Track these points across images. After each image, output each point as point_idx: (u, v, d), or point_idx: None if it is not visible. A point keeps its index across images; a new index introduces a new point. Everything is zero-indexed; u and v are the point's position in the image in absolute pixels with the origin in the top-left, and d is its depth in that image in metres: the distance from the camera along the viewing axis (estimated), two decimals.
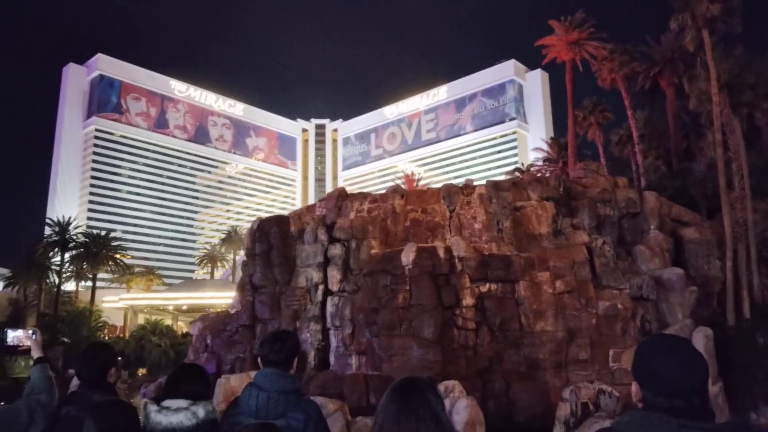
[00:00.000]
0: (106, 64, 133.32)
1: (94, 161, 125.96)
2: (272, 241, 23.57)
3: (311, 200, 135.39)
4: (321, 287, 22.35)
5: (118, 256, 65.59)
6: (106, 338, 50.51)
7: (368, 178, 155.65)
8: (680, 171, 34.50)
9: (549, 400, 17.79)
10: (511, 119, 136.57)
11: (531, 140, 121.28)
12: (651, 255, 22.91)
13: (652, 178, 35.66)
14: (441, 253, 19.81)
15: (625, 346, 19.17)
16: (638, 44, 41.27)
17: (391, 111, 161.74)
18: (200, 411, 3.56)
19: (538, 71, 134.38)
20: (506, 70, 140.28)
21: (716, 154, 26.52)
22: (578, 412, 16.93)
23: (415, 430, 2.35)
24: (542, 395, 18.00)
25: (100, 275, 64.93)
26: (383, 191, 25.73)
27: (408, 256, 19.62)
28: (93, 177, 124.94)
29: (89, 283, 62.08)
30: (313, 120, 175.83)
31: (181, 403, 3.58)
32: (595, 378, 18.65)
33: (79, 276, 61.61)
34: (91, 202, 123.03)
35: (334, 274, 22.20)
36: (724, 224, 24.46)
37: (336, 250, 22.49)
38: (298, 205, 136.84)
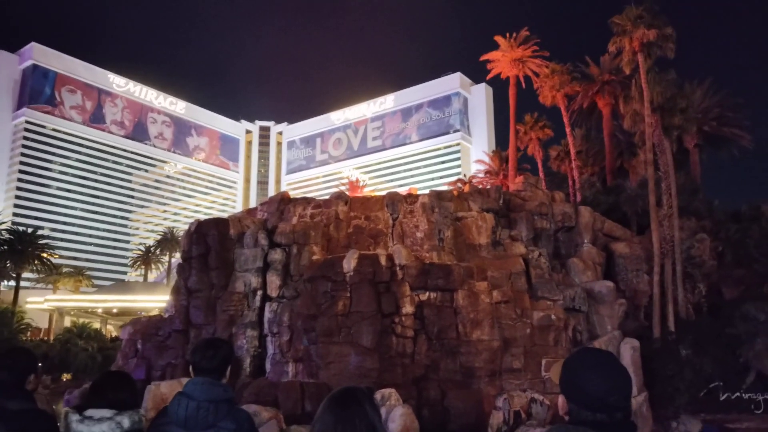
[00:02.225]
0: (40, 54, 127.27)
1: (23, 155, 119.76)
2: (210, 244, 23.01)
3: (252, 203, 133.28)
4: (259, 293, 21.97)
5: (44, 255, 62.49)
6: (29, 341, 47.91)
7: (312, 183, 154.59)
8: (614, 188, 35.94)
9: (482, 408, 18.07)
10: (456, 131, 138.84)
11: (474, 152, 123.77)
12: (584, 268, 23.72)
13: (587, 194, 36.98)
14: (382, 260, 19.86)
15: (557, 356, 19.73)
16: (578, 64, 42.91)
17: (338, 117, 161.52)
18: (125, 421, 3.41)
19: (483, 85, 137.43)
20: (452, 82, 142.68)
21: (647, 173, 27.76)
22: (510, 420, 17.28)
23: None
24: (476, 403, 18.26)
25: (25, 275, 61.70)
26: (327, 197, 25.63)
27: (349, 263, 19.57)
28: (21, 171, 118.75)
29: (12, 283, 58.88)
30: (257, 122, 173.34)
31: (105, 412, 3.41)
32: (527, 387, 19.12)
33: (1, 275, 58.35)
34: (18, 197, 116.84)
35: (274, 280, 21.89)
36: (652, 240, 25.60)
37: (276, 255, 22.19)
38: (239, 208, 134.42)
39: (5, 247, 56.34)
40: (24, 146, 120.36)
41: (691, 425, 20.73)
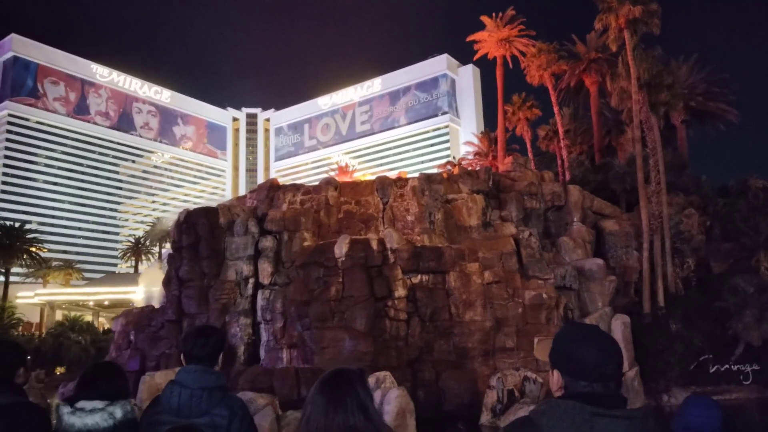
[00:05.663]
0: (20, 45, 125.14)
1: (7, 148, 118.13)
2: (200, 233, 22.90)
3: (242, 191, 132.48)
4: (251, 280, 21.94)
5: (33, 249, 62.08)
6: (21, 336, 47.67)
7: (301, 169, 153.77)
8: (602, 166, 36.04)
9: (477, 388, 18.23)
10: (444, 113, 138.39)
11: (462, 134, 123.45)
12: (574, 246, 23.86)
13: (576, 173, 37.05)
14: (374, 245, 19.88)
15: (549, 334, 19.87)
16: (565, 43, 42.74)
17: (325, 102, 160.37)
18: (118, 411, 3.38)
19: (470, 66, 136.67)
20: (439, 64, 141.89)
21: (635, 150, 27.85)
22: (504, 399, 17.44)
23: (343, 422, 2.31)
24: (470, 383, 18.42)
25: (14, 269, 61.28)
26: (317, 183, 25.53)
27: (341, 248, 19.57)
28: (6, 165, 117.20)
29: (2, 278, 58.47)
30: (244, 109, 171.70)
31: (97, 403, 3.38)
32: (520, 365, 19.28)
33: None
34: (3, 192, 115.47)
35: (266, 267, 21.84)
36: (641, 217, 25.75)
37: (267, 242, 22.12)
38: (228, 196, 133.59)
39: None
40: (8, 140, 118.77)
41: (682, 398, 21.02)
